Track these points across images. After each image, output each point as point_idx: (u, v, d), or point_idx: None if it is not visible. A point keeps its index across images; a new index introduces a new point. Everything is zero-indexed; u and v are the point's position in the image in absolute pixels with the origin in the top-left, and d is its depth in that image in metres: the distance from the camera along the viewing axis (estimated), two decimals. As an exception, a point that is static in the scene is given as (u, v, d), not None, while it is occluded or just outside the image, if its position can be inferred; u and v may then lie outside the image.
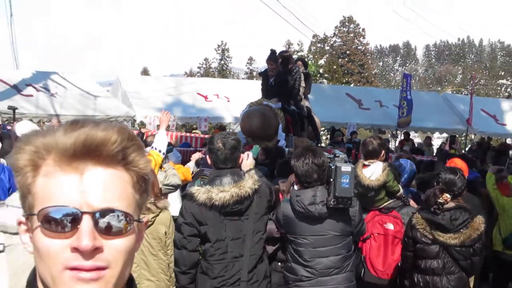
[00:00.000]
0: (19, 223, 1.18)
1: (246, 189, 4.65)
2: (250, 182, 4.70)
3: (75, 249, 1.07)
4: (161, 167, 6.55)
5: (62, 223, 1.08)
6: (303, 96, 10.27)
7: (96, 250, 1.08)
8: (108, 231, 1.10)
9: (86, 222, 1.08)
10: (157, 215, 5.01)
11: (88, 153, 1.10)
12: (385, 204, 5.94)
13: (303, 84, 10.42)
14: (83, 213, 1.08)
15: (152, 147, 6.61)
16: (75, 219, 1.08)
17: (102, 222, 1.09)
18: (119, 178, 1.15)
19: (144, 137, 9.53)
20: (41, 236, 1.10)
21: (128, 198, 1.15)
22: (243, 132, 8.84)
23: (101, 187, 1.11)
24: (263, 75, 10.54)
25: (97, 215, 1.09)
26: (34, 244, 1.13)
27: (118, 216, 1.12)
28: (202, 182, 5.10)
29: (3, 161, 7.80)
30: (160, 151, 6.70)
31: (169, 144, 7.58)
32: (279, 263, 5.35)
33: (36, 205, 1.12)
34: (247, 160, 5.13)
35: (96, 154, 1.11)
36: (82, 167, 1.11)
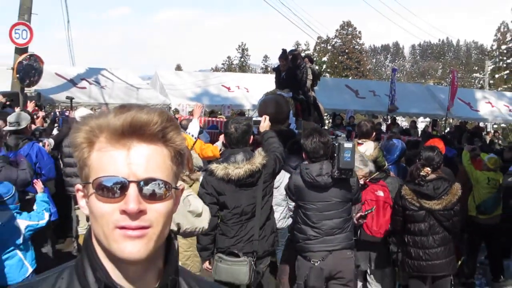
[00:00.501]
0: (77, 190, 1.23)
1: (256, 164, 4.73)
2: (259, 158, 4.77)
3: (123, 212, 1.12)
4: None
5: (112, 190, 1.13)
6: (310, 87, 10.35)
7: (141, 212, 1.12)
8: (150, 197, 1.14)
9: (133, 190, 1.12)
10: (191, 185, 5.06)
11: (134, 132, 1.14)
12: (374, 175, 5.99)
13: (310, 77, 10.56)
14: (130, 182, 1.12)
15: (186, 132, 6.80)
16: (123, 187, 1.12)
17: (146, 189, 1.14)
18: (160, 153, 1.18)
19: (179, 121, 9.60)
20: (95, 201, 1.15)
21: (167, 169, 1.18)
22: (260, 116, 8.71)
23: (145, 160, 1.15)
24: (276, 70, 10.56)
25: (142, 183, 1.13)
26: (90, 208, 1.18)
27: (159, 184, 1.15)
28: (220, 160, 5.16)
29: (47, 141, 8.00)
30: (192, 135, 6.94)
31: (200, 127, 7.69)
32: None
33: (91, 175, 1.16)
34: (264, 123, 5.37)
35: (141, 133, 1.15)
36: (129, 144, 1.14)
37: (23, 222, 4.93)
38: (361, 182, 5.51)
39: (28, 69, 14.39)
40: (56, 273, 1.26)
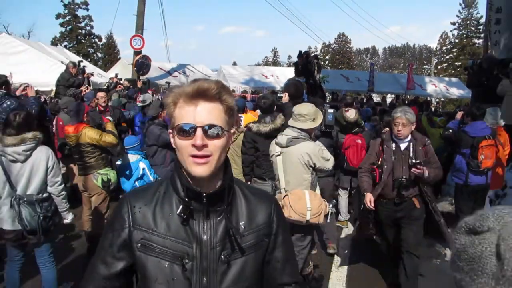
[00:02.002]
0: (169, 133, 1.24)
1: (277, 124, 4.68)
2: (279, 120, 4.72)
3: (193, 145, 1.15)
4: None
5: (187, 132, 1.16)
6: (316, 75, 10.11)
7: (204, 146, 1.16)
8: (211, 136, 1.17)
9: (199, 132, 1.15)
10: (239, 135, 5.04)
11: (199, 95, 1.17)
12: (355, 130, 5.88)
13: (317, 68, 10.29)
14: (197, 126, 1.16)
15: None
16: (194, 129, 1.16)
17: (209, 132, 1.16)
18: (217, 108, 1.19)
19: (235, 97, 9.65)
20: (178, 139, 1.19)
21: (222, 119, 1.19)
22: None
23: (207, 112, 1.17)
24: (295, 64, 10.35)
25: (205, 127, 1.16)
26: (175, 142, 1.20)
27: (216, 128, 1.17)
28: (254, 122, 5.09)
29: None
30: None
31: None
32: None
33: (175, 123, 1.19)
34: (285, 97, 5.52)
35: (204, 95, 1.17)
36: (197, 102, 1.17)
37: (142, 164, 4.87)
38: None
39: (141, 64, 14.54)
40: (158, 182, 1.35)
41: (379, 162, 4.00)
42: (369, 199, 3.93)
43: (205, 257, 1.24)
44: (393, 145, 3.94)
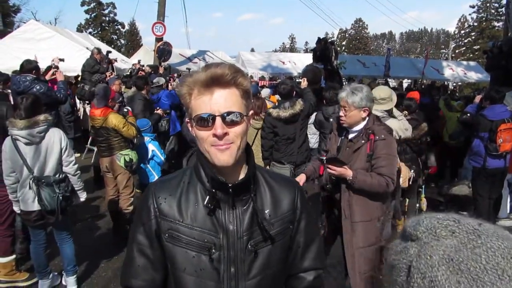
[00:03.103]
0: (187, 122, 1.20)
1: (297, 110, 4.69)
2: (299, 105, 4.72)
3: (214, 135, 1.11)
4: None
5: (207, 121, 1.11)
6: (334, 61, 9.92)
7: (225, 134, 1.11)
8: (230, 123, 1.12)
9: (218, 120, 1.10)
10: (263, 119, 5.05)
11: (214, 82, 1.10)
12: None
13: (334, 54, 10.09)
14: (216, 116, 1.10)
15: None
16: (213, 119, 1.10)
17: (227, 119, 1.11)
18: (234, 93, 1.13)
19: (250, 83, 9.48)
20: (197, 130, 1.14)
21: (239, 104, 1.13)
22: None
23: (224, 99, 1.11)
24: (314, 50, 10.15)
25: (224, 115, 1.10)
26: (195, 133, 1.15)
27: (235, 114, 1.12)
28: (274, 105, 5.16)
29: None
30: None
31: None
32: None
33: (192, 113, 1.13)
34: (304, 83, 5.42)
35: (219, 82, 1.10)
36: (212, 90, 1.11)
37: (151, 147, 4.87)
38: None
39: (163, 51, 14.50)
40: (182, 172, 1.30)
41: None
42: (299, 179, 3.34)
43: (232, 247, 1.21)
44: (344, 133, 3.23)
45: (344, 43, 68.19)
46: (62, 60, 6.65)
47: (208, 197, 1.18)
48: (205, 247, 1.19)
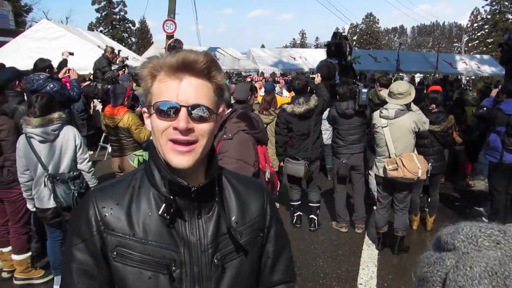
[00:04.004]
0: (143, 112, 1.03)
1: (311, 105, 4.67)
2: (313, 101, 4.71)
3: (175, 128, 0.94)
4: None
5: (168, 112, 0.94)
6: (348, 56, 9.77)
7: (189, 130, 0.94)
8: (197, 118, 0.95)
9: (183, 112, 0.93)
10: (275, 117, 5.01)
11: (185, 67, 0.94)
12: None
13: (348, 50, 9.92)
14: (181, 106, 0.93)
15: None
16: (176, 110, 0.93)
17: (194, 113, 0.94)
18: (205, 86, 0.97)
19: (265, 80, 9.39)
20: (155, 119, 0.96)
21: (210, 99, 0.97)
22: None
23: (194, 90, 0.95)
24: (328, 45, 9.98)
25: (190, 108, 0.94)
26: (151, 124, 0.99)
27: (203, 109, 0.95)
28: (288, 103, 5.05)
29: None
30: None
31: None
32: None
33: (152, 100, 0.96)
34: (317, 78, 5.32)
35: (190, 69, 0.94)
36: (181, 76, 0.94)
37: None
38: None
39: (174, 48, 14.32)
40: (131, 175, 1.08)
41: None
42: None
43: (195, 263, 1.02)
44: None
45: (355, 38, 67.86)
46: (71, 54, 6.66)
47: (164, 204, 0.99)
48: (163, 265, 0.99)
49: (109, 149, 6.33)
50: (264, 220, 1.15)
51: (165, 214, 0.99)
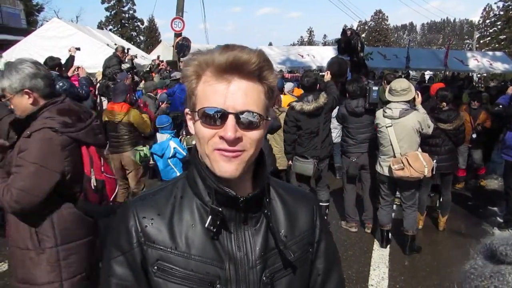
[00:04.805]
0: (186, 113, 0.95)
1: (320, 103, 4.59)
2: (322, 98, 4.61)
3: (222, 137, 0.85)
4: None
5: (214, 118, 0.85)
6: (360, 53, 9.62)
7: (237, 139, 0.86)
8: (246, 126, 0.86)
9: (231, 120, 0.84)
10: (279, 115, 4.94)
11: (235, 69, 0.85)
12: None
13: (360, 46, 9.76)
14: (229, 113, 0.84)
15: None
16: (223, 116, 0.85)
17: (243, 119, 0.85)
18: (256, 88, 0.87)
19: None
20: (200, 126, 0.88)
21: (261, 103, 0.88)
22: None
23: (243, 94, 0.86)
24: (338, 42, 9.87)
25: (239, 114, 0.85)
26: (195, 130, 0.91)
27: (254, 115, 0.86)
28: (296, 100, 5.00)
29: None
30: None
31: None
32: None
33: (197, 104, 0.88)
34: (327, 76, 5.19)
35: (241, 70, 0.85)
36: (230, 78, 0.85)
37: (172, 144, 4.79)
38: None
39: (182, 46, 14.46)
40: (172, 183, 1.01)
41: None
42: None
43: (243, 280, 0.94)
44: None
45: (363, 35, 67.37)
46: (78, 49, 6.67)
47: (210, 216, 0.91)
48: (207, 282, 0.92)
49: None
50: (313, 234, 1.07)
51: (212, 227, 0.91)
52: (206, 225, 0.91)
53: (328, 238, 1.11)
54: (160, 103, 7.03)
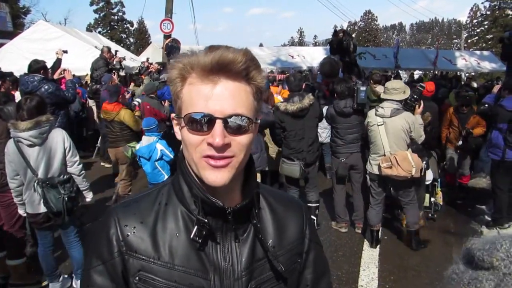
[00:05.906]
0: (172, 118, 0.90)
1: (305, 104, 4.58)
2: (307, 100, 4.62)
3: (210, 144, 0.81)
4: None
5: (201, 124, 0.81)
6: (353, 54, 9.61)
7: (226, 145, 0.82)
8: (234, 131, 0.82)
9: (218, 125, 0.80)
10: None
11: (221, 69, 0.81)
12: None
13: (352, 47, 9.74)
14: (216, 118, 0.80)
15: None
16: (210, 121, 0.81)
17: (231, 124, 0.81)
18: (243, 89, 0.84)
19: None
20: (186, 132, 0.84)
21: (250, 105, 0.84)
22: (320, 72, 8.27)
23: (230, 96, 0.82)
24: (330, 43, 9.88)
25: (227, 119, 0.81)
26: (182, 136, 0.86)
27: (242, 119, 0.82)
28: (283, 100, 5.08)
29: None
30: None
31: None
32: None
33: (183, 108, 0.84)
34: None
35: (227, 70, 0.81)
36: (217, 79, 0.81)
37: (159, 146, 4.72)
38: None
39: (171, 48, 14.31)
40: (156, 189, 0.96)
41: None
42: None
43: None
44: None
45: (353, 35, 67.84)
46: (65, 52, 6.59)
47: (196, 227, 0.87)
48: None
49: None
50: (302, 244, 1.03)
51: (197, 238, 0.87)
52: (192, 236, 0.87)
53: (317, 248, 1.07)
54: (163, 102, 7.01)
